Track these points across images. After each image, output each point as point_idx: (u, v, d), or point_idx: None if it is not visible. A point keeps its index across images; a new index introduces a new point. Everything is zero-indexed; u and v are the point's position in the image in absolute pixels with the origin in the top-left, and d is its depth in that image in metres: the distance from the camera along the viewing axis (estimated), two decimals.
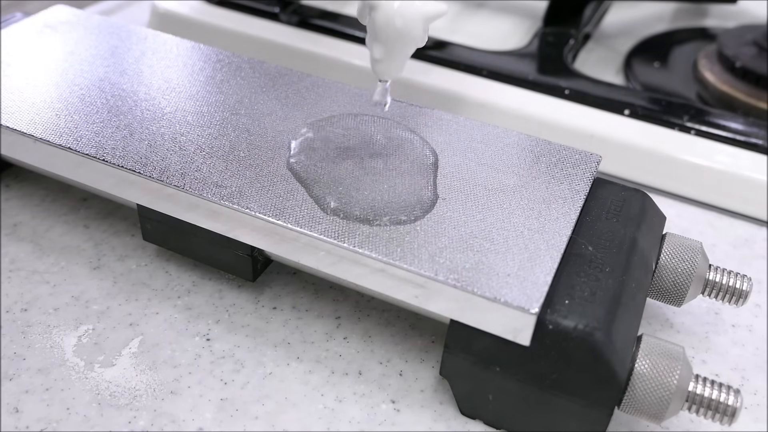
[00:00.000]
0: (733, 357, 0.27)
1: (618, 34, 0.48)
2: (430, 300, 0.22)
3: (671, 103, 0.36)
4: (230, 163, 0.26)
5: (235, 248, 0.26)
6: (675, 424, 0.24)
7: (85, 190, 0.31)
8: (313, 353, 0.26)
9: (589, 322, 0.21)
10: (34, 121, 0.27)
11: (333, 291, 0.29)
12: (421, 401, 0.25)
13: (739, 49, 0.40)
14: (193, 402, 0.24)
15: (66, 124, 0.27)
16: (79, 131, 0.27)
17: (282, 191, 0.25)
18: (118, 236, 0.30)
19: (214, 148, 0.26)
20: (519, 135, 0.28)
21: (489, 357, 0.22)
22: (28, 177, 0.33)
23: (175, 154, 0.26)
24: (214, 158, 0.26)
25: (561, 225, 0.24)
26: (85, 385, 0.24)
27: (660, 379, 0.21)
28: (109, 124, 0.27)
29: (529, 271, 0.22)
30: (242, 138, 0.27)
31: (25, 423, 0.23)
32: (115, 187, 0.26)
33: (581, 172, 0.26)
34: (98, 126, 0.27)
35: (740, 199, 0.34)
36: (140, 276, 0.29)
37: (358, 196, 0.24)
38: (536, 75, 0.38)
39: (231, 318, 0.27)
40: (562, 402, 0.22)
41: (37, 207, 0.32)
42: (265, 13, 0.43)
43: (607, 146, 0.35)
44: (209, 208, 0.25)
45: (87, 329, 0.26)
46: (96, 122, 0.27)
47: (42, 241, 0.30)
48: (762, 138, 0.34)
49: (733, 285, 0.25)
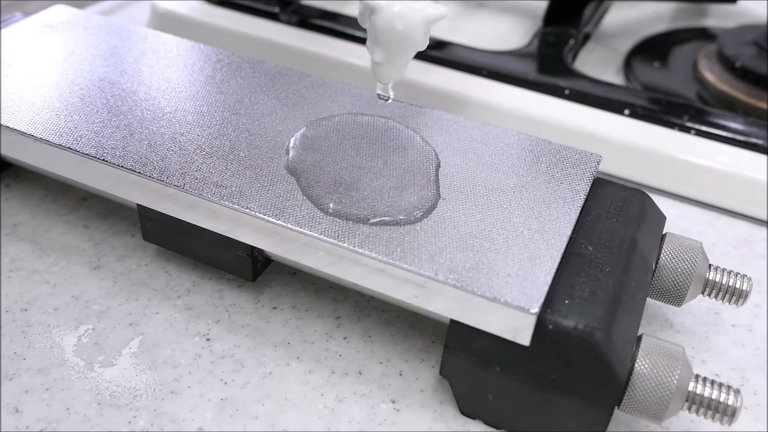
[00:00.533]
0: (733, 357, 0.27)
1: (618, 33, 0.48)
2: (430, 300, 0.22)
3: (671, 103, 0.36)
4: (230, 162, 0.26)
5: (235, 248, 0.26)
6: (675, 424, 0.24)
7: (85, 190, 0.31)
8: (313, 353, 0.26)
9: (589, 322, 0.21)
10: (34, 121, 0.27)
11: (333, 291, 0.29)
12: (421, 401, 0.25)
13: (739, 49, 0.40)
14: (193, 402, 0.24)
15: (66, 124, 0.27)
16: (79, 131, 0.27)
17: (282, 191, 0.25)
18: (118, 236, 0.30)
19: (214, 148, 0.26)
20: (519, 135, 0.28)
21: (489, 357, 0.22)
22: (28, 177, 0.33)
23: (175, 153, 0.26)
24: (214, 158, 0.26)
25: (561, 225, 0.24)
26: (85, 385, 0.24)
27: (660, 379, 0.21)
28: (109, 124, 0.27)
29: (529, 271, 0.22)
30: (242, 138, 0.27)
31: (25, 423, 0.23)
32: (115, 186, 0.26)
33: (581, 172, 0.26)
34: (98, 126, 0.27)
35: (740, 199, 0.34)
36: (140, 276, 0.29)
37: (358, 196, 0.24)
38: (536, 75, 0.38)
39: (231, 318, 0.27)
40: (562, 402, 0.22)
41: (37, 207, 0.32)
42: (265, 13, 0.43)
43: (607, 146, 0.35)
44: (209, 207, 0.25)
45: (87, 329, 0.26)
46: (96, 122, 0.27)
47: (42, 241, 0.30)
48: (762, 138, 0.34)
49: (733, 285, 0.25)
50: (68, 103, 0.28)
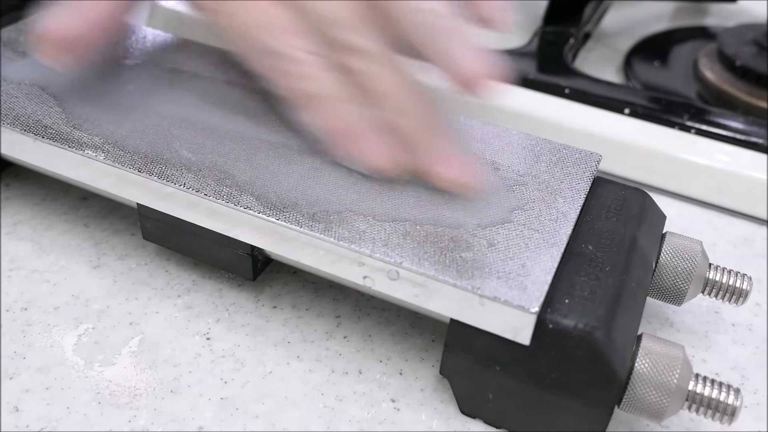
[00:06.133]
0: (733, 356, 0.27)
1: (618, 32, 0.48)
2: (430, 299, 0.22)
3: (671, 102, 0.36)
4: (230, 161, 0.26)
5: (235, 247, 0.26)
6: (675, 423, 0.24)
7: (85, 189, 0.31)
8: (313, 352, 0.26)
9: (589, 321, 0.21)
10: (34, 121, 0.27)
11: (333, 290, 0.29)
12: (421, 400, 0.25)
13: (740, 48, 0.40)
14: (193, 401, 0.24)
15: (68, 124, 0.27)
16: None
17: (282, 190, 0.25)
18: (118, 235, 0.30)
19: (213, 147, 0.26)
20: (519, 134, 0.28)
21: (489, 356, 0.22)
22: (28, 176, 0.33)
23: (174, 153, 0.26)
24: (214, 157, 0.26)
25: (561, 224, 0.24)
26: (85, 384, 0.24)
27: (660, 378, 0.21)
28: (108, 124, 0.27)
29: (529, 271, 0.22)
30: (242, 137, 0.27)
31: (25, 422, 0.23)
32: (114, 186, 0.26)
33: (581, 171, 0.26)
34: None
35: (740, 197, 0.34)
36: (140, 275, 0.29)
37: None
38: (536, 74, 0.38)
39: (231, 317, 0.27)
40: (562, 401, 0.22)
41: (37, 206, 0.32)
42: None
43: (607, 145, 0.35)
44: (209, 206, 0.25)
45: (87, 328, 0.26)
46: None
47: (42, 240, 0.30)
48: (762, 137, 0.34)
49: (733, 284, 0.25)
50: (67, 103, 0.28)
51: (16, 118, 0.27)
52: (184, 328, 0.27)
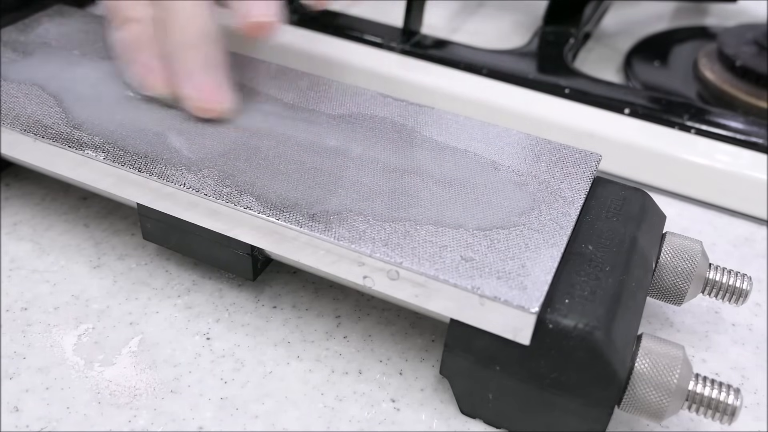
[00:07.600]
0: (733, 356, 0.27)
1: (618, 33, 0.48)
2: (430, 299, 0.22)
3: (671, 102, 0.36)
4: (230, 161, 0.26)
5: (235, 247, 0.26)
6: (675, 423, 0.24)
7: (85, 189, 0.31)
8: (313, 352, 0.26)
9: (589, 321, 0.21)
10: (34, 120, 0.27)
11: (333, 290, 0.29)
12: (421, 400, 0.25)
13: (740, 48, 0.40)
14: (193, 401, 0.24)
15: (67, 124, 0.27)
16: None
17: (282, 190, 0.25)
18: (118, 235, 0.30)
19: (213, 147, 0.26)
20: (519, 134, 0.28)
21: (489, 356, 0.22)
22: (28, 176, 0.33)
23: (175, 153, 0.26)
24: (214, 157, 0.26)
25: (561, 224, 0.24)
26: (85, 384, 0.24)
27: (660, 378, 0.21)
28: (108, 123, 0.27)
29: (529, 271, 0.22)
30: (242, 137, 0.27)
31: (25, 422, 0.23)
32: (114, 186, 0.26)
33: (581, 171, 0.26)
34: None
35: (740, 197, 0.34)
36: (140, 275, 0.29)
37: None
38: (536, 74, 0.38)
39: (231, 317, 0.27)
40: (562, 401, 0.22)
41: (37, 206, 0.32)
42: None
43: (607, 145, 0.35)
44: (209, 206, 0.25)
45: (87, 328, 0.26)
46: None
47: (42, 240, 0.30)
48: (762, 137, 0.34)
49: (733, 284, 0.25)
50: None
51: (16, 118, 0.27)
52: (184, 328, 0.27)
